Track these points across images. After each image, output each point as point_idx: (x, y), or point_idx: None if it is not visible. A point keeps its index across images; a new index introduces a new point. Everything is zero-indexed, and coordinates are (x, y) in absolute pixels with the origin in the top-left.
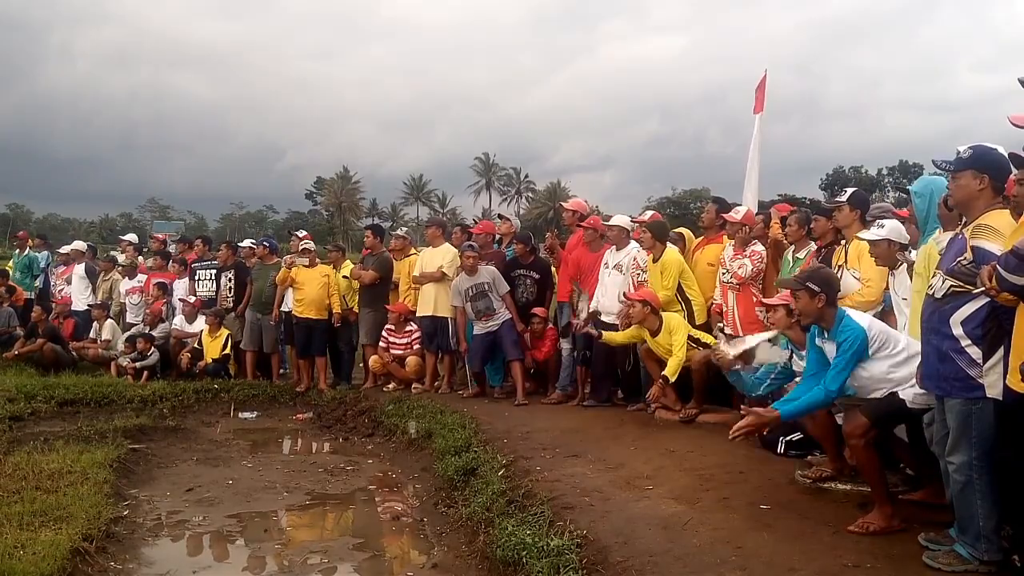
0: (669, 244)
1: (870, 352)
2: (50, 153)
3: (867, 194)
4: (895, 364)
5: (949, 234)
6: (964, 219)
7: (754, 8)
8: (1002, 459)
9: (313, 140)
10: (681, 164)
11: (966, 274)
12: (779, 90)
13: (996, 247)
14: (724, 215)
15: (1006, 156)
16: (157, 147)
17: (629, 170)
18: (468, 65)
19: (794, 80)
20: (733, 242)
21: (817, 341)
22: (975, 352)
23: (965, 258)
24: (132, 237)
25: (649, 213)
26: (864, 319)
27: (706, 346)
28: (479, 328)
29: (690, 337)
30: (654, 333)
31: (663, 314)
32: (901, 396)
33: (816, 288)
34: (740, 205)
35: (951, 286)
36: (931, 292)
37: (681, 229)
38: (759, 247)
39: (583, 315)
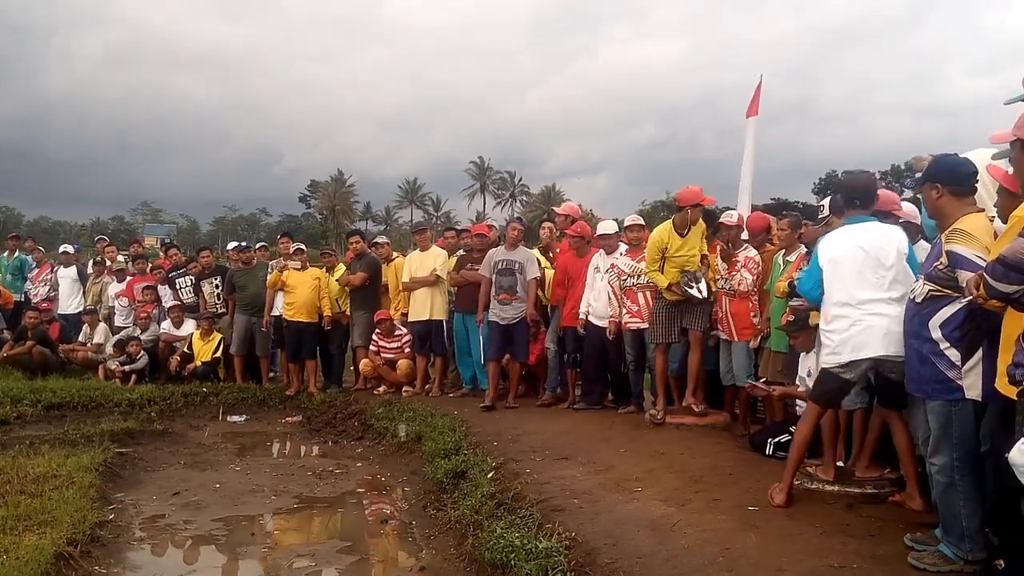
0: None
1: None
2: (42, 156)
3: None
4: None
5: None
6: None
7: (751, 13)
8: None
9: (311, 143)
10: (675, 167)
11: (942, 278)
12: (774, 94)
13: (968, 250)
14: (723, 221)
15: (965, 161)
16: (150, 150)
17: (623, 173)
18: (465, 68)
19: (789, 85)
20: (718, 256)
21: None
22: (953, 355)
23: (941, 263)
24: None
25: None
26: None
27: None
28: (496, 316)
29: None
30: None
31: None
32: None
33: None
34: (731, 209)
35: (930, 290)
36: (912, 296)
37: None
38: (752, 252)
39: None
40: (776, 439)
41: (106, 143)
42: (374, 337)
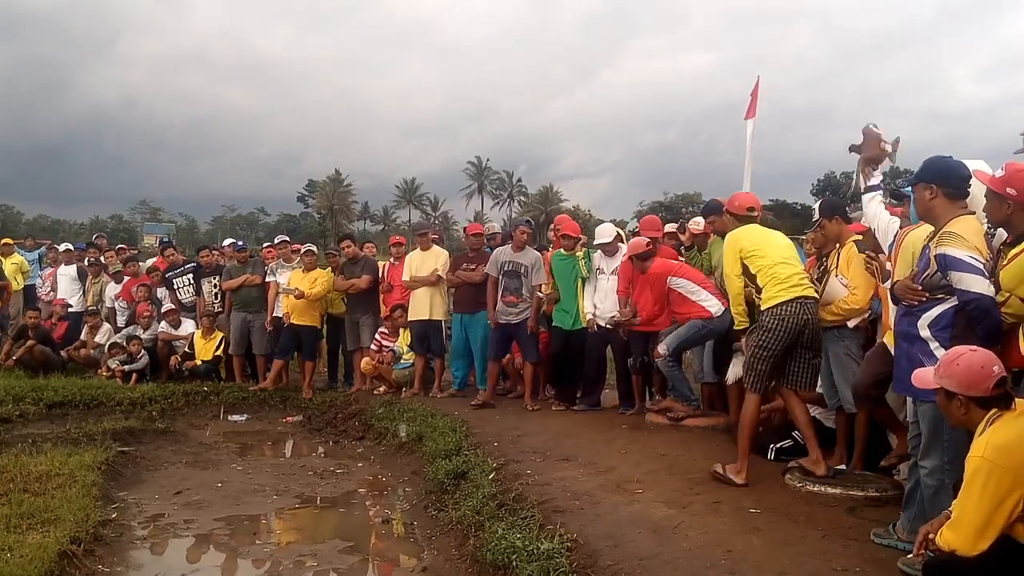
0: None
1: None
2: (42, 154)
3: (834, 197)
4: None
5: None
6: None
7: (773, 28)
8: None
9: (328, 146)
10: (681, 171)
11: (936, 287)
12: (787, 103)
13: (962, 252)
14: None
15: (960, 164)
16: (149, 150)
17: (627, 175)
18: (491, 75)
19: (802, 93)
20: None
21: None
22: (943, 355)
23: (931, 271)
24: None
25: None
26: None
27: None
28: (499, 316)
29: None
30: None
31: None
32: None
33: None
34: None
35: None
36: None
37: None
38: None
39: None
40: (778, 444)
41: (103, 142)
42: (377, 336)
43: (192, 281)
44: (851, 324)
